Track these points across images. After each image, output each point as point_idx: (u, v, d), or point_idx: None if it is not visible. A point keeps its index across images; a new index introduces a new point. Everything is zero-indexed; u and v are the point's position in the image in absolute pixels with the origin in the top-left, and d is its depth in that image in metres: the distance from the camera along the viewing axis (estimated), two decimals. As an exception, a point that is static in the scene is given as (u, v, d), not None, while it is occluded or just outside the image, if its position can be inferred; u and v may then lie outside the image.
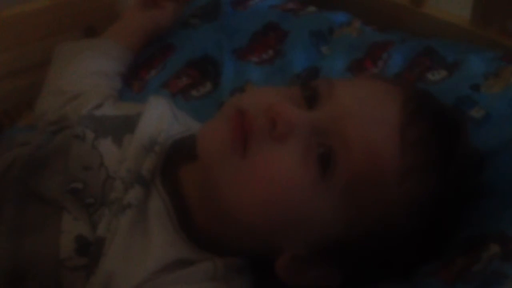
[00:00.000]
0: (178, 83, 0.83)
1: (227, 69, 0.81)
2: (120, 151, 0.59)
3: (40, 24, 0.85)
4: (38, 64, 0.86)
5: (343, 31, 0.83)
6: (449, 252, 0.54)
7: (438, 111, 0.55)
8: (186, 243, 0.55)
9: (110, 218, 0.54)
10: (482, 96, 0.65)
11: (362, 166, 0.50)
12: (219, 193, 0.53)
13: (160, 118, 0.65)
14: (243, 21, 0.86)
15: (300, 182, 0.51)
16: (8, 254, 0.53)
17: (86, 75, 0.76)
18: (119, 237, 0.53)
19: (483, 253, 0.51)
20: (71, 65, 0.77)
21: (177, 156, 0.59)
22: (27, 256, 0.53)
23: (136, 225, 0.54)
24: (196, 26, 0.88)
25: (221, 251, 0.55)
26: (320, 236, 0.52)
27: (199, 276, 0.53)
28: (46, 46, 0.86)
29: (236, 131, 0.52)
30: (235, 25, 0.86)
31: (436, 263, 0.54)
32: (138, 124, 0.62)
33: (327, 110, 0.52)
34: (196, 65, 0.83)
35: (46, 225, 0.54)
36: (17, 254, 0.53)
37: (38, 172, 0.57)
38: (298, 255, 0.53)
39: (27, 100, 0.84)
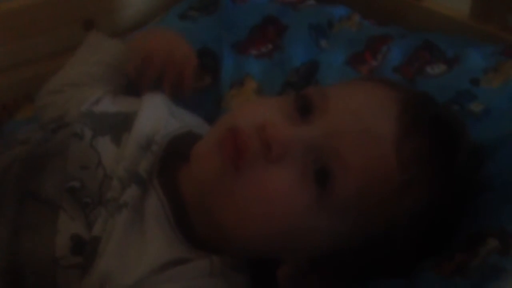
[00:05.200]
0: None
1: (227, 62, 0.81)
2: (119, 150, 0.59)
3: (39, 17, 0.84)
4: (36, 57, 0.85)
5: (342, 25, 0.83)
6: (448, 247, 0.54)
7: (435, 118, 0.54)
8: (182, 242, 0.54)
9: (106, 217, 0.54)
10: (482, 90, 0.65)
11: (359, 182, 0.50)
12: (216, 214, 0.53)
13: (156, 116, 0.64)
14: (242, 15, 0.85)
15: (298, 200, 0.51)
16: (6, 252, 0.53)
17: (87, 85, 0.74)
18: (115, 236, 0.53)
19: (481, 248, 0.51)
20: (80, 67, 0.75)
21: (174, 154, 0.59)
22: (24, 254, 0.53)
23: (133, 225, 0.54)
24: (195, 19, 0.87)
25: (218, 251, 0.55)
26: (321, 249, 0.53)
27: (196, 273, 0.53)
28: (45, 40, 0.85)
29: (227, 152, 0.52)
30: (234, 18, 0.85)
31: (435, 258, 0.54)
32: (134, 123, 0.61)
33: (321, 127, 0.52)
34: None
35: (43, 224, 0.54)
36: (15, 252, 0.53)
37: (37, 171, 0.57)
38: (299, 266, 0.53)
39: (26, 93, 0.84)
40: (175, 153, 0.59)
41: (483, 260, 0.50)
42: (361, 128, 0.51)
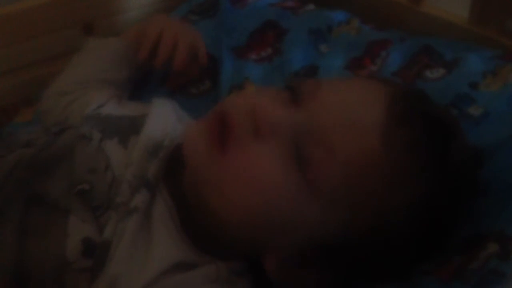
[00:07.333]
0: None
1: (226, 66, 0.81)
2: (126, 153, 0.59)
3: (38, 21, 0.85)
4: (36, 61, 0.86)
5: (342, 30, 0.83)
6: (446, 250, 0.54)
7: (427, 110, 0.54)
8: (189, 246, 0.54)
9: (116, 221, 0.54)
10: (481, 94, 0.65)
11: (347, 170, 0.50)
12: (206, 198, 0.53)
13: (164, 122, 0.64)
14: (242, 19, 0.86)
15: (281, 182, 0.51)
16: (14, 255, 0.53)
17: (93, 81, 0.75)
18: (125, 240, 0.53)
19: (481, 252, 0.51)
20: (82, 66, 0.76)
21: (180, 160, 0.59)
22: (32, 258, 0.53)
23: (142, 229, 0.54)
24: (194, 23, 0.88)
25: (222, 255, 0.55)
26: (308, 238, 0.52)
27: (202, 279, 0.53)
28: (44, 43, 0.86)
29: (213, 126, 0.52)
30: (234, 22, 0.85)
31: (434, 261, 0.54)
32: (143, 129, 0.61)
33: (310, 112, 0.52)
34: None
35: (51, 228, 0.54)
36: (22, 256, 0.53)
37: (43, 174, 0.57)
38: (287, 256, 0.53)
39: (26, 97, 0.84)
40: (180, 158, 0.59)
41: (482, 264, 0.50)
42: (349, 116, 0.51)
